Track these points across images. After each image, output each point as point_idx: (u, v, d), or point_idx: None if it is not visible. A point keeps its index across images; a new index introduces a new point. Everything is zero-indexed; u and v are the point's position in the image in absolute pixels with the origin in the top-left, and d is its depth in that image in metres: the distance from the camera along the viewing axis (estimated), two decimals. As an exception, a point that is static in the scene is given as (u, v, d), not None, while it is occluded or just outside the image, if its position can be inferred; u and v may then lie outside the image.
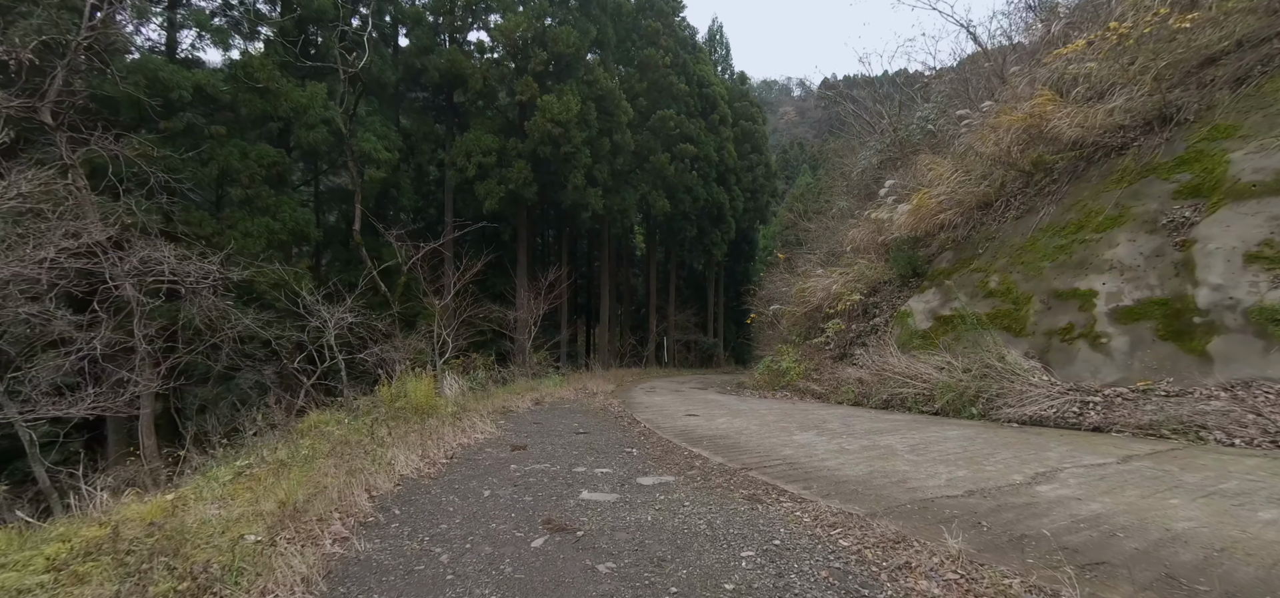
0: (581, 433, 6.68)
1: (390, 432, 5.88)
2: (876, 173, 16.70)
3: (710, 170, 28.23)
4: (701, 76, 28.42)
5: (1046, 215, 9.01)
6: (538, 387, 12.20)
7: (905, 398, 8.45)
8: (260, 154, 12.65)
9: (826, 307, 12.88)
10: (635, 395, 12.14)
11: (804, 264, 16.46)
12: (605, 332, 27.72)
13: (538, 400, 10.10)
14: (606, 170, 20.31)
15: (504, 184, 17.77)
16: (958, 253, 10.46)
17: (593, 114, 18.95)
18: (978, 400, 7.31)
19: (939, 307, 9.99)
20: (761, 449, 5.30)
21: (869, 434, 5.87)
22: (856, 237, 13.17)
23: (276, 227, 12.18)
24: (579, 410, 8.97)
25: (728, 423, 7.14)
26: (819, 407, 9.11)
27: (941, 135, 13.79)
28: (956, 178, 10.22)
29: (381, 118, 15.49)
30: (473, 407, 8.49)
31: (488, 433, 6.53)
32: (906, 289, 11.25)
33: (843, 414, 7.70)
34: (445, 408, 7.79)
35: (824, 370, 11.74)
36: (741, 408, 9.00)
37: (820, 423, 6.85)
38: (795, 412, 8.21)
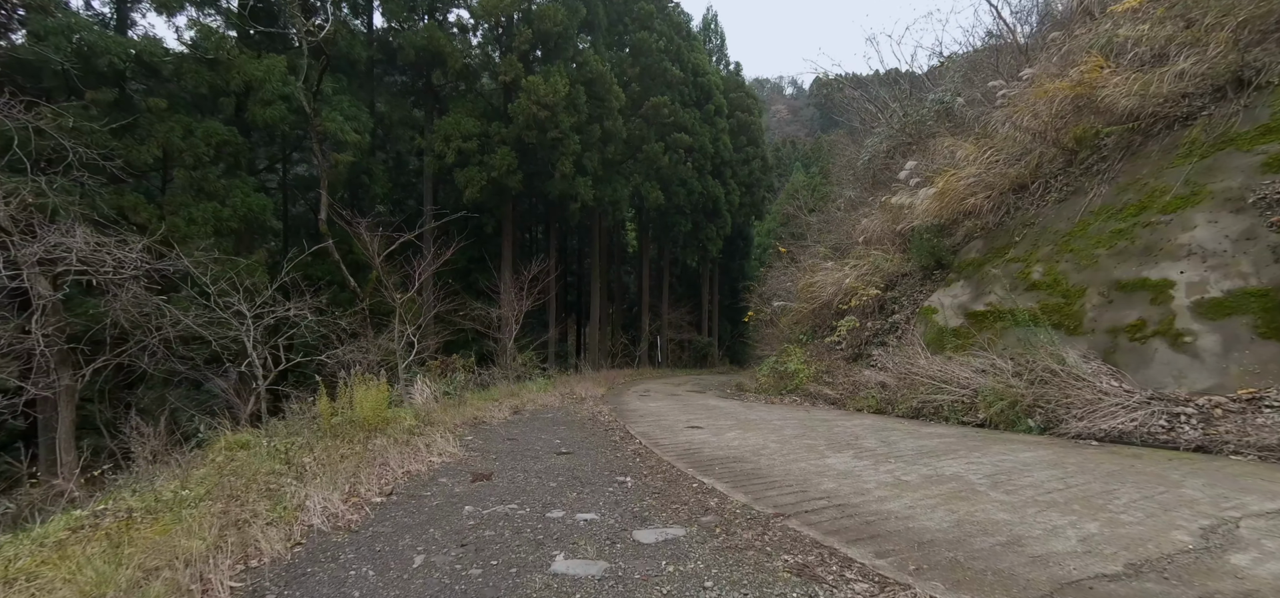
0: (563, 453, 5.46)
1: (316, 458, 4.62)
2: (885, 161, 15.62)
3: (705, 162, 27.08)
4: (696, 65, 27.24)
5: (1097, 197, 7.92)
6: (520, 391, 10.96)
7: (940, 406, 7.32)
8: (208, 132, 11.29)
9: (838, 302, 11.75)
10: (628, 401, 10.94)
11: (808, 258, 15.33)
12: (596, 331, 26.48)
13: (517, 408, 8.87)
14: (597, 159, 19.07)
15: (486, 172, 16.48)
16: (988, 241, 9.37)
17: (582, 98, 17.71)
18: (1034, 411, 6.18)
19: (971, 301, 8.89)
20: (791, 480, 4.12)
21: (922, 457, 4.70)
22: (869, 226, 12.04)
23: (226, 213, 10.84)
24: (563, 421, 7.75)
25: (739, 439, 5.95)
26: (839, 415, 7.95)
27: (959, 116, 12.70)
28: (988, 157, 9.11)
29: (351, 98, 14.18)
30: (439, 418, 7.24)
31: (448, 455, 5.29)
32: (929, 282, 10.14)
33: (872, 426, 6.54)
34: (404, 421, 6.53)
35: (837, 373, 10.60)
36: (750, 417, 7.82)
37: (852, 439, 5.68)
38: (814, 422, 7.04)
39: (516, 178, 16.99)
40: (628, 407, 9.74)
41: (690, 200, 26.06)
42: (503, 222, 19.70)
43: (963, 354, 8.01)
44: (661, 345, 29.40)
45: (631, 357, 27.66)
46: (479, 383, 14.24)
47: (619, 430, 6.90)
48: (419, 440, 5.73)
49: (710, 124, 27.40)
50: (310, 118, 12.93)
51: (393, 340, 10.85)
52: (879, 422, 7.09)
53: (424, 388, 10.59)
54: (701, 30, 32.98)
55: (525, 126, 16.53)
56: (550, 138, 16.85)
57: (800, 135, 72.67)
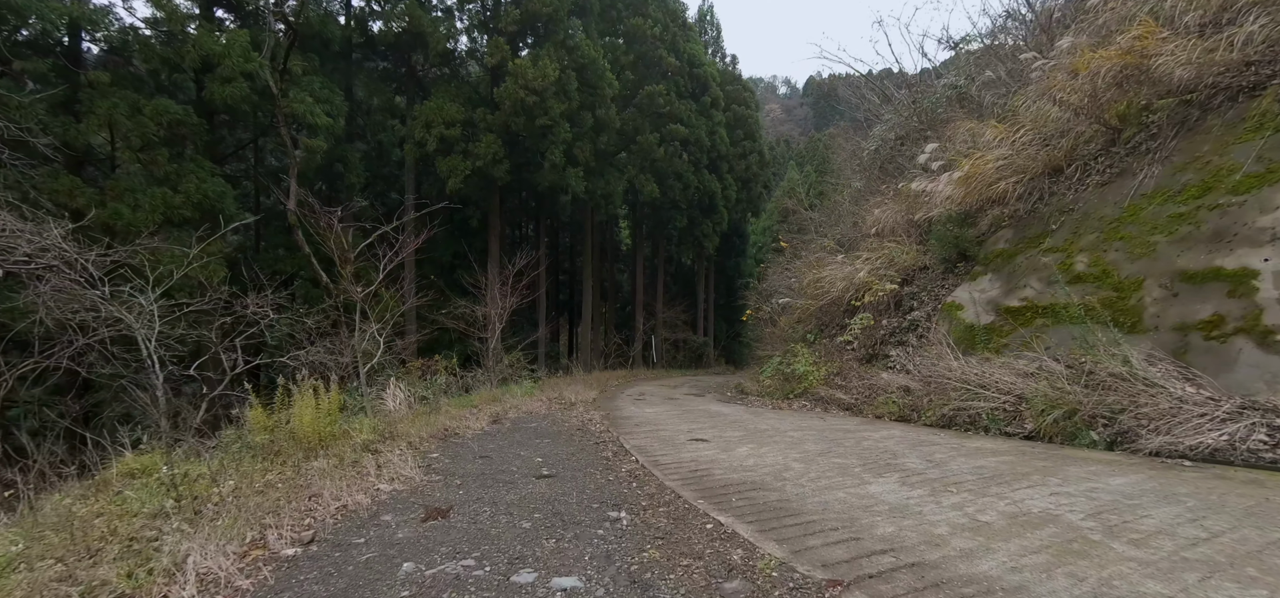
0: (545, 476, 4.52)
1: (229, 490, 3.65)
2: (893, 149, 14.78)
3: (701, 156, 26.17)
4: (692, 55, 26.33)
5: (1148, 179, 7.06)
6: (503, 396, 9.98)
7: (977, 414, 6.43)
8: (158, 110, 10.23)
9: (849, 299, 10.87)
10: (621, 406, 10.00)
11: (813, 251, 14.46)
12: (588, 330, 25.51)
13: (497, 416, 7.90)
14: (588, 149, 18.10)
15: (470, 161, 15.47)
16: (1018, 230, 8.50)
17: (573, 84, 16.73)
18: (1097, 421, 5.30)
19: (1002, 296, 8.02)
20: (833, 518, 3.19)
21: (987, 484, 3.79)
22: (882, 216, 11.16)
23: (177, 200, 9.79)
24: (548, 432, 6.80)
25: (754, 455, 5.02)
26: (860, 425, 7.05)
27: (976, 100, 11.84)
28: (1021, 138, 8.23)
29: (323, 80, 13.15)
30: (404, 430, 6.26)
31: (402, 480, 4.33)
32: (952, 276, 9.27)
33: (905, 439, 5.63)
34: (358, 435, 5.55)
35: (850, 375, 9.71)
36: (760, 426, 6.89)
37: (889, 456, 4.76)
38: (836, 433, 6.13)
39: (503, 167, 15.99)
40: (621, 413, 8.79)
41: (686, 195, 25.14)
42: (489, 215, 18.68)
43: (1000, 355, 7.13)
44: (656, 345, 28.48)
45: (625, 357, 26.72)
46: (462, 386, 13.26)
47: (612, 444, 5.95)
48: (371, 461, 4.76)
49: (706, 116, 26.50)
50: (276, 98, 11.89)
51: (365, 340, 9.83)
52: (910, 433, 6.18)
53: (398, 393, 9.60)
54: (697, 21, 32.07)
55: (512, 113, 15.53)
56: (539, 125, 15.86)
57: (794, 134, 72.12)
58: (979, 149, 8.99)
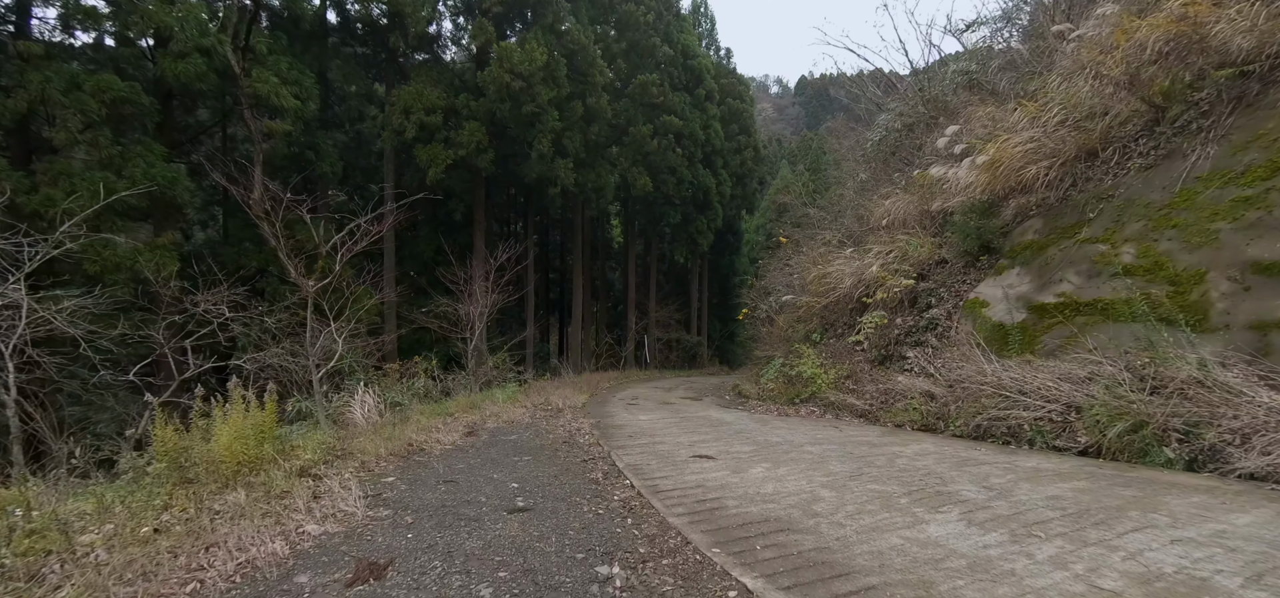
0: (518, 509, 3.67)
1: (89, 543, 2.77)
2: (898, 139, 14.06)
3: (695, 150, 25.35)
4: (686, 47, 25.53)
5: (1203, 160, 6.33)
6: (483, 402, 9.10)
7: (1017, 426, 5.66)
8: (99, 86, 9.23)
9: (859, 296, 10.10)
10: (613, 412, 9.15)
11: (814, 247, 13.70)
12: (578, 330, 24.63)
13: (473, 427, 7.02)
14: (578, 140, 17.22)
15: (452, 149, 14.53)
16: (1049, 220, 7.76)
17: (562, 70, 15.85)
18: (1169, 436, 4.53)
19: (1034, 292, 7.27)
20: (895, 577, 2.37)
21: (1077, 523, 2.99)
22: (893, 208, 10.40)
23: (122, 186, 8.80)
24: (529, 447, 5.93)
25: (771, 478, 4.20)
26: (882, 436, 6.26)
27: (991, 84, 11.11)
28: (1054, 117, 7.49)
29: (290, 60, 12.17)
30: (360, 447, 5.38)
31: (337, 519, 3.46)
32: (973, 271, 8.52)
33: (944, 456, 4.84)
34: (299, 456, 4.66)
35: (862, 378, 8.94)
36: (770, 438, 6.08)
37: (935, 482, 3.96)
38: (860, 448, 5.32)
39: (487, 157, 15.07)
40: (613, 421, 7.95)
41: (680, 190, 24.33)
42: (474, 209, 17.75)
43: (1035, 357, 6.37)
44: (649, 346, 27.65)
45: (617, 357, 25.88)
46: (442, 390, 12.35)
47: (602, 461, 5.11)
48: (305, 489, 3.88)
49: (701, 109, 25.70)
50: (238, 77, 10.91)
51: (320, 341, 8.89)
52: (945, 447, 5.39)
53: (367, 400, 8.71)
54: (691, 13, 31.27)
55: (498, 99, 14.62)
56: (526, 112, 14.95)
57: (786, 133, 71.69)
58: (1002, 133, 8.24)
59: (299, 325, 11.75)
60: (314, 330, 7.19)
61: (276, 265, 12.74)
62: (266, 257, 12.15)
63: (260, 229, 12.00)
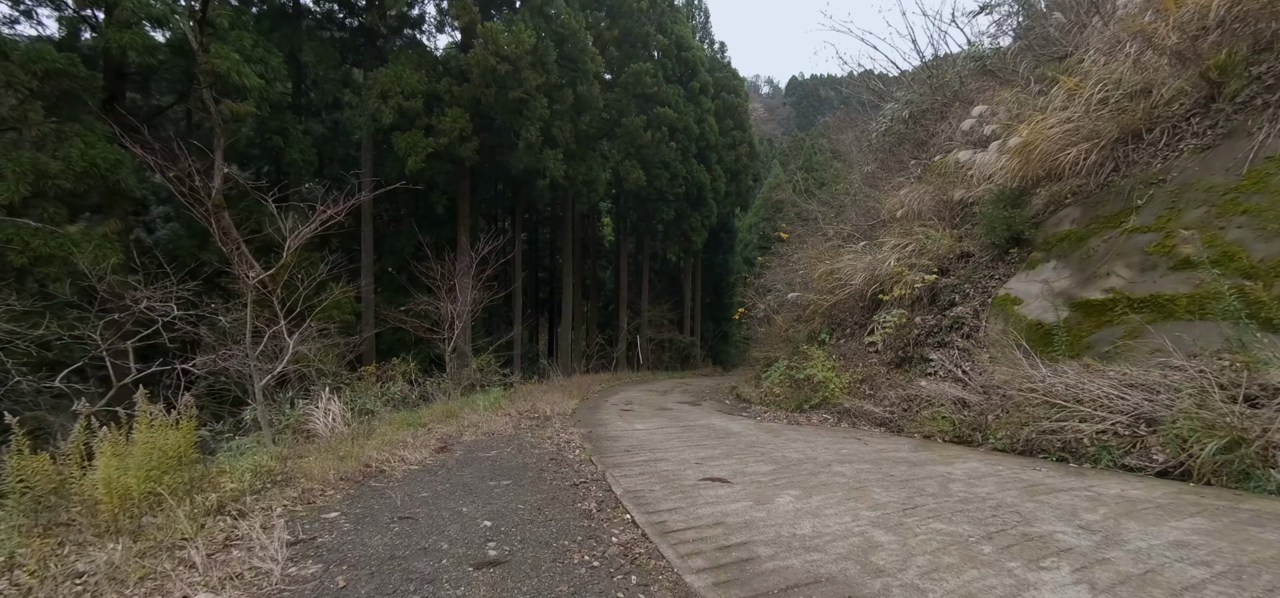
0: (489, 562, 2.82)
1: None
2: (906, 128, 13.36)
3: (690, 145, 24.59)
4: (680, 38, 24.76)
5: (1274, 137, 5.63)
6: (463, 410, 8.22)
7: (1075, 440, 4.90)
8: (29, 56, 8.23)
9: (872, 292, 9.35)
10: (606, 419, 8.31)
11: (820, 242, 12.95)
12: (568, 330, 23.74)
13: (447, 441, 6.15)
14: (569, 129, 16.35)
15: (434, 137, 13.60)
16: (1088, 208, 7.04)
17: (551, 55, 14.98)
18: (1275, 457, 3.78)
19: (1076, 287, 6.53)
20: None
21: (1231, 586, 2.20)
22: (909, 199, 9.66)
23: (56, 168, 7.81)
24: (509, 467, 5.08)
25: (806, 511, 3.39)
26: (913, 449, 5.48)
27: (1009, 68, 10.42)
28: (1098, 94, 6.76)
29: (255, 37, 11.20)
30: (306, 471, 4.51)
31: (243, 584, 2.60)
32: (1002, 264, 7.79)
33: (1001, 477, 4.05)
34: (225, 485, 3.78)
35: (879, 382, 8.18)
36: (788, 454, 5.27)
37: (1012, 517, 3.17)
38: (898, 468, 4.53)
39: (471, 146, 14.15)
40: (607, 432, 7.11)
41: (673, 185, 23.53)
42: (458, 203, 16.81)
43: (1091, 361, 5.62)
44: (641, 346, 26.83)
45: (608, 358, 25.03)
46: (421, 394, 11.44)
47: (595, 486, 4.28)
48: (217, 533, 3.01)
49: (695, 103, 24.93)
50: (195, 52, 9.93)
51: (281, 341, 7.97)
52: (999, 467, 4.61)
53: (332, 408, 7.81)
54: (685, 4, 30.50)
55: (483, 84, 13.71)
56: (513, 99, 14.06)
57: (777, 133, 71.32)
58: (1034, 114, 7.51)
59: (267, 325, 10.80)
60: (258, 329, 6.26)
61: (242, 260, 11.76)
62: (232, 249, 11.15)
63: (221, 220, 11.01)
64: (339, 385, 11.25)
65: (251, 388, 8.16)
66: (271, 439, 5.75)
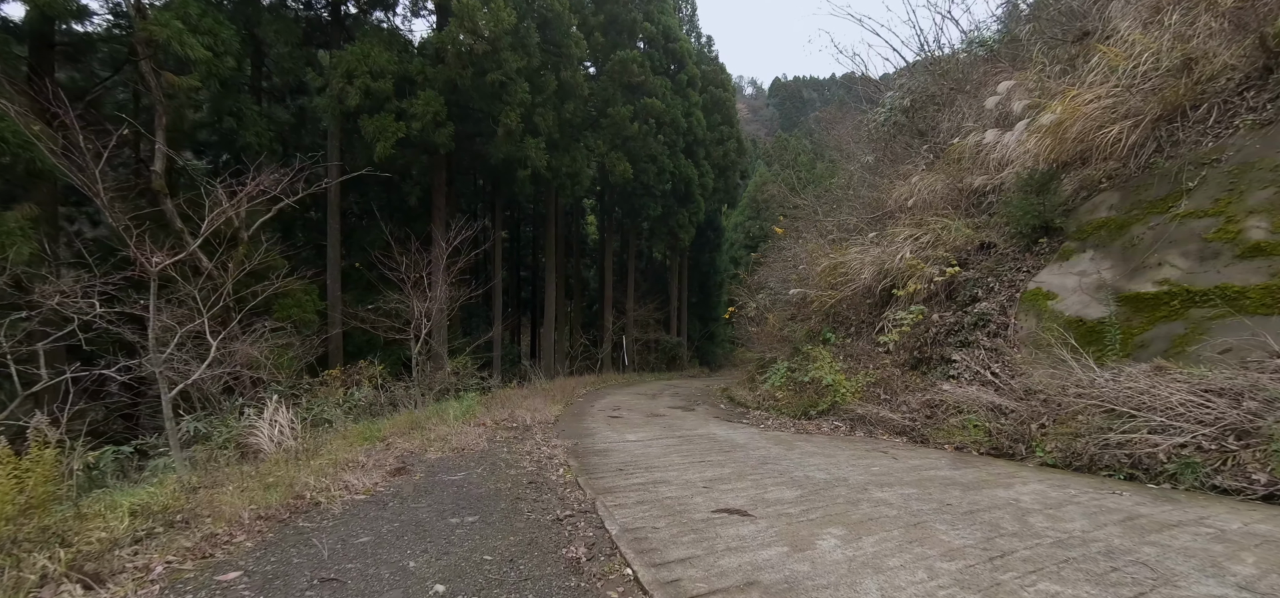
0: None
1: None
2: (902, 121, 12.73)
3: (677, 139, 23.77)
4: (667, 28, 23.94)
5: (1351, 109, 4.99)
6: (430, 419, 7.26)
7: (1150, 455, 4.18)
8: (-78, 13, 7.08)
9: (882, 287, 8.63)
10: (593, 429, 7.43)
11: (818, 235, 12.24)
12: (551, 331, 22.77)
13: (406, 460, 5.22)
14: (552, 117, 15.43)
15: (405, 122, 12.58)
16: (1127, 193, 6.38)
17: (533, 37, 14.05)
18: None
19: (1122, 279, 5.85)
20: None
21: None
22: (920, 186, 8.96)
23: (-49, 142, 6.67)
24: (477, 496, 4.19)
25: (866, 565, 2.57)
26: (952, 465, 4.72)
27: (1024, 50, 9.80)
28: (1147, 63, 6.10)
29: (202, 6, 10.06)
30: (220, 506, 3.57)
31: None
32: (1030, 256, 7.10)
33: (1088, 507, 3.29)
34: (92, 531, 2.84)
35: (895, 386, 7.45)
36: (813, 475, 4.47)
37: (1149, 574, 2.38)
38: (951, 494, 3.74)
39: (446, 132, 13.14)
40: (595, 443, 6.24)
41: (660, 180, 22.71)
42: (433, 195, 15.76)
43: (1164, 361, 4.91)
44: (627, 347, 25.97)
45: (593, 360, 24.12)
46: (390, 400, 10.43)
47: (584, 521, 3.42)
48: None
49: (682, 96, 24.13)
50: (130, 16, 8.82)
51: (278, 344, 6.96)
52: (1076, 491, 3.86)
53: (280, 419, 6.81)
54: (671, -4, 29.72)
55: (458, 65, 12.73)
56: (491, 81, 13.09)
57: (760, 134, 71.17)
58: (1065, 90, 6.84)
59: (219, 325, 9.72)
60: (170, 327, 5.27)
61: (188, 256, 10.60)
62: (174, 240, 10.02)
63: (163, 207, 9.90)
64: (297, 392, 10.20)
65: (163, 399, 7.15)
66: (187, 462, 4.77)
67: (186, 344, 6.56)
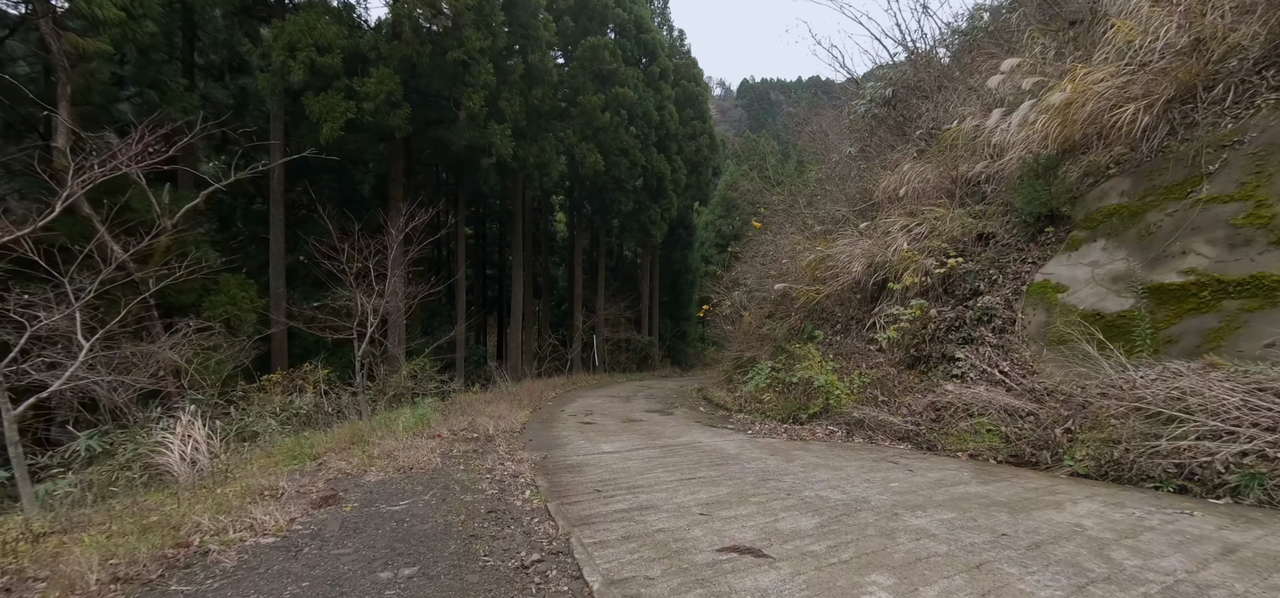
0: None
1: None
2: (875, 117, 12.35)
3: (649, 132, 23.09)
4: (639, 18, 23.23)
5: (1388, 85, 4.64)
6: (375, 432, 6.33)
7: (1202, 466, 3.68)
8: None
9: (873, 281, 8.11)
10: (564, 438, 6.63)
11: (800, 229, 11.73)
12: (519, 331, 21.76)
13: (337, 485, 4.34)
14: (519, 103, 14.50)
15: (355, 102, 11.49)
16: (1140, 178, 5.97)
17: (498, 15, 13.12)
18: None
19: (1141, 269, 5.41)
20: None
21: None
22: (911, 175, 8.49)
23: None
24: (419, 534, 3.38)
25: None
26: (978, 477, 4.15)
27: (1012, 33, 9.47)
28: (1164, 38, 5.69)
29: (117, -40, 8.81)
30: (64, 559, 2.65)
31: None
32: (1034, 246, 6.66)
33: (1184, 538, 2.71)
34: None
35: (892, 386, 6.91)
36: (829, 495, 3.81)
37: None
38: (998, 518, 3.13)
39: (402, 115, 12.08)
40: (567, 457, 5.46)
41: (632, 174, 21.98)
42: (389, 183, 14.61)
43: (1157, 356, 4.45)
44: (597, 347, 25.16)
45: (562, 360, 23.21)
46: (338, 408, 9.40)
47: (555, 568, 2.67)
48: None
49: (655, 88, 23.46)
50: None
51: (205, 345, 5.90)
52: (1134, 508, 3.30)
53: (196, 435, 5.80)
54: (642, -13, 29.01)
55: (416, 41, 11.70)
56: (452, 60, 12.10)
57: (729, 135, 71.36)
58: (1075, 68, 6.41)
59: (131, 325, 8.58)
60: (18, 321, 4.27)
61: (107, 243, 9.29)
62: (78, 227, 8.77)
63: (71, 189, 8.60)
64: (231, 399, 9.05)
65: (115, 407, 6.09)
66: (29, 501, 3.78)
67: (66, 345, 5.48)
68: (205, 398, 7.62)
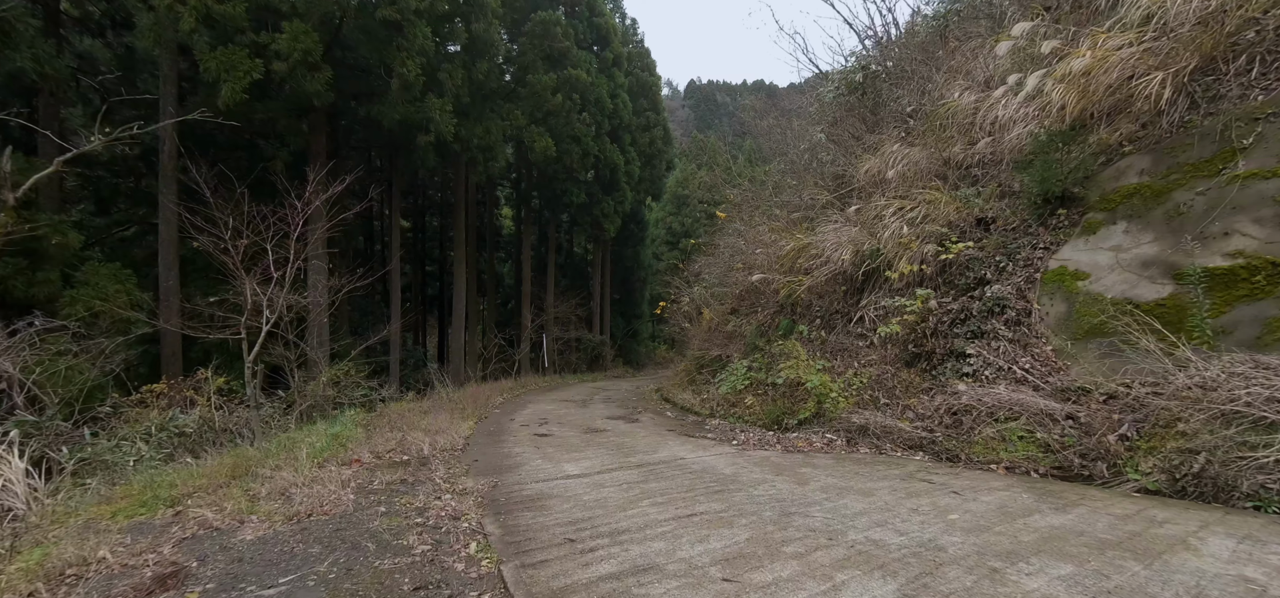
0: None
1: None
2: (844, 103, 11.81)
3: (603, 121, 21.96)
4: (591, 2, 22.11)
5: None
6: (267, 463, 4.92)
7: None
8: None
9: (863, 271, 7.38)
10: (518, 457, 5.45)
11: (771, 218, 10.98)
12: (462, 331, 20.09)
13: (192, 548, 3.03)
14: (461, 76, 13.03)
15: (264, 60, 9.74)
16: (1161, 155, 5.45)
17: (438, -24, 11.63)
18: None
19: (1175, 254, 4.86)
20: None
21: None
22: (897, 156, 7.82)
23: None
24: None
25: None
26: (1037, 500, 3.36)
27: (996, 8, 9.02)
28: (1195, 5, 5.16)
29: None
30: None
31: None
32: (1045, 230, 6.06)
33: None
34: None
35: (892, 387, 6.16)
36: (885, 539, 2.88)
37: None
38: (1130, 562, 2.29)
39: (322, 79, 10.40)
40: (522, 487, 4.30)
41: (584, 164, 20.80)
42: (310, 162, 12.77)
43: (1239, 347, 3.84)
44: (547, 346, 23.78)
45: (509, 362, 21.71)
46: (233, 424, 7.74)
47: None
48: None
49: (608, 75, 22.36)
50: None
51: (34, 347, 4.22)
52: (1282, 553, 2.53)
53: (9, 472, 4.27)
54: (594, -29, 27.81)
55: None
56: (382, 18, 10.54)
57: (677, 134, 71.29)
58: (1095, 34, 5.86)
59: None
60: None
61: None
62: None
63: None
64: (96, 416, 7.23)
65: None
66: None
67: None
68: (44, 420, 5.89)
